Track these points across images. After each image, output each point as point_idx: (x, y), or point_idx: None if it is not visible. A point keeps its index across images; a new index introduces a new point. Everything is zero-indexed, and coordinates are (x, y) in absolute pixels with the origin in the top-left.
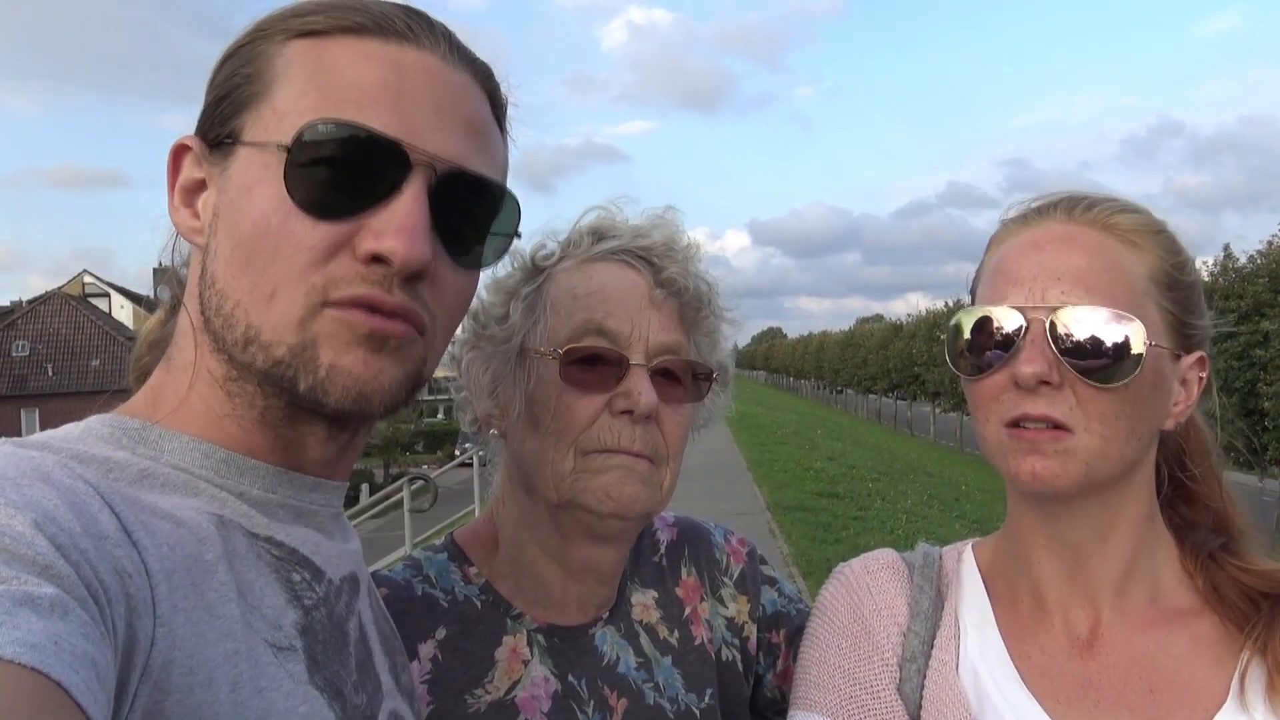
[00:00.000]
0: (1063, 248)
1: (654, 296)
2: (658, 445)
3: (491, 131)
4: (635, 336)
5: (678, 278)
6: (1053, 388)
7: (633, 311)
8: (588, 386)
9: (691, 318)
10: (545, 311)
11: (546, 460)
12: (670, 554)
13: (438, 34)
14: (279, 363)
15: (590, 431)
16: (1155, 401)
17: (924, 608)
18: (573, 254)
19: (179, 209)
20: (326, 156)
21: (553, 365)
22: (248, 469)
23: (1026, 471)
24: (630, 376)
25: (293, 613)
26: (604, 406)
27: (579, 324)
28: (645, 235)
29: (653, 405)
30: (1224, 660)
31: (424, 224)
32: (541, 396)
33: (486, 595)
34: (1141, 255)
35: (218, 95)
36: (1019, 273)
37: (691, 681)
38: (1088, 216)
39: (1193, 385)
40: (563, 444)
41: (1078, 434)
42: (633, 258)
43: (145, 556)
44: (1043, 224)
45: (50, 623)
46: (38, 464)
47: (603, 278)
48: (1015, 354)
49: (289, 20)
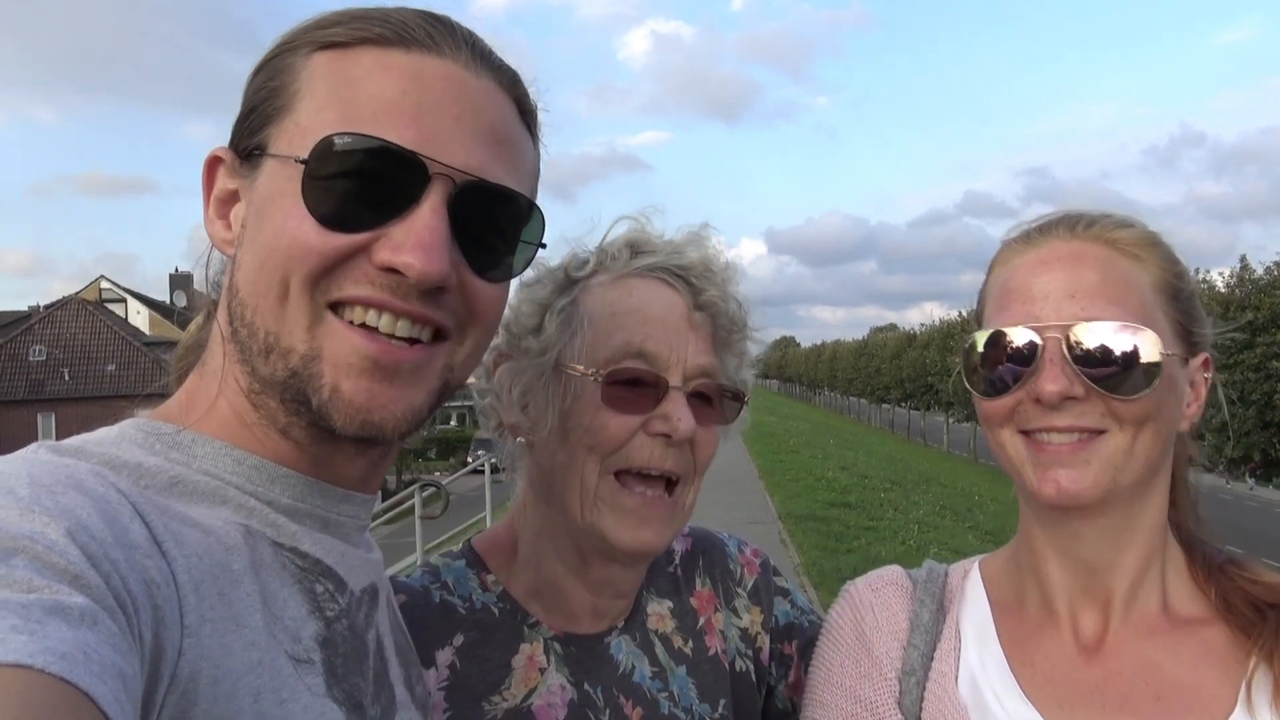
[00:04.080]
0: (1072, 264)
1: (693, 319)
2: (687, 465)
3: (517, 138)
4: (674, 360)
5: (717, 301)
6: (1077, 400)
7: (671, 334)
8: (626, 407)
9: (724, 340)
10: (583, 327)
11: (575, 473)
12: (685, 565)
13: (460, 40)
14: (294, 373)
15: (624, 451)
16: (1173, 406)
17: (924, 621)
18: (610, 267)
19: (214, 220)
20: (345, 169)
21: (591, 384)
22: (279, 477)
23: (1052, 486)
24: (669, 400)
25: (313, 624)
26: (640, 427)
27: (619, 344)
28: (682, 253)
29: (691, 430)
30: (1231, 668)
31: (442, 238)
32: (577, 413)
33: (504, 603)
34: (1145, 268)
35: (247, 108)
36: (1030, 291)
37: (705, 691)
38: (1091, 233)
39: (1200, 386)
40: (593, 458)
41: (1110, 433)
42: (671, 276)
43: (174, 567)
44: (1047, 243)
45: (80, 633)
46: (71, 471)
47: (642, 296)
48: (1035, 372)
49: (312, 33)
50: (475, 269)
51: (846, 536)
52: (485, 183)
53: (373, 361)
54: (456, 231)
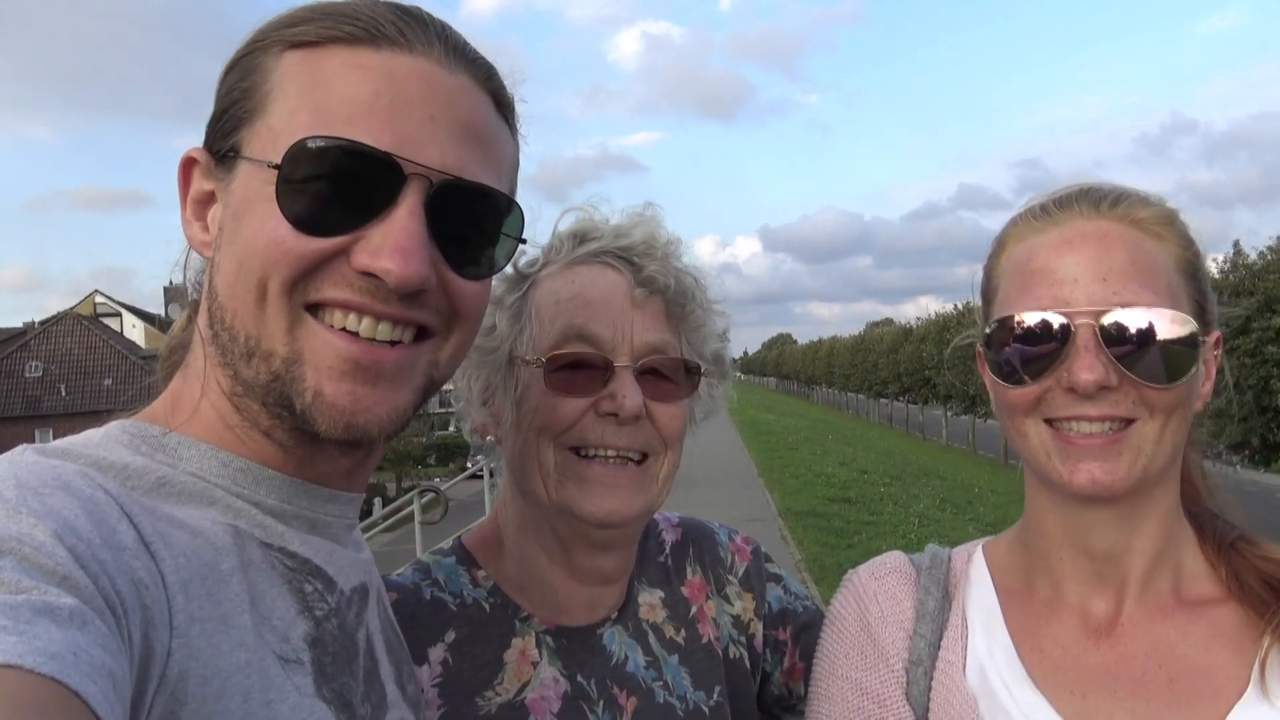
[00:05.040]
0: (1100, 245)
1: (635, 296)
2: (650, 440)
3: (494, 133)
4: (619, 339)
5: (658, 275)
6: (1110, 390)
7: (615, 314)
8: (573, 390)
9: (678, 314)
10: (530, 319)
11: (533, 456)
12: (675, 554)
13: (432, 36)
14: (276, 377)
15: (575, 430)
16: (1197, 388)
17: (930, 609)
18: (555, 259)
19: (191, 222)
20: (318, 173)
21: (538, 372)
22: (264, 479)
23: (1084, 479)
24: (615, 379)
25: (303, 624)
26: (590, 407)
27: (561, 330)
28: (626, 235)
29: (637, 408)
30: (1244, 648)
31: (420, 241)
32: (528, 400)
33: (495, 598)
34: (1167, 247)
35: (220, 109)
36: (1055, 273)
37: (699, 679)
38: (1116, 211)
39: (1212, 365)
40: (545, 438)
41: (1137, 425)
42: (613, 258)
43: (162, 567)
44: (1069, 220)
45: (69, 633)
46: (58, 473)
47: (584, 281)
48: (1066, 360)
49: (283, 30)
50: (455, 267)
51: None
52: (462, 181)
53: (354, 363)
54: (435, 231)
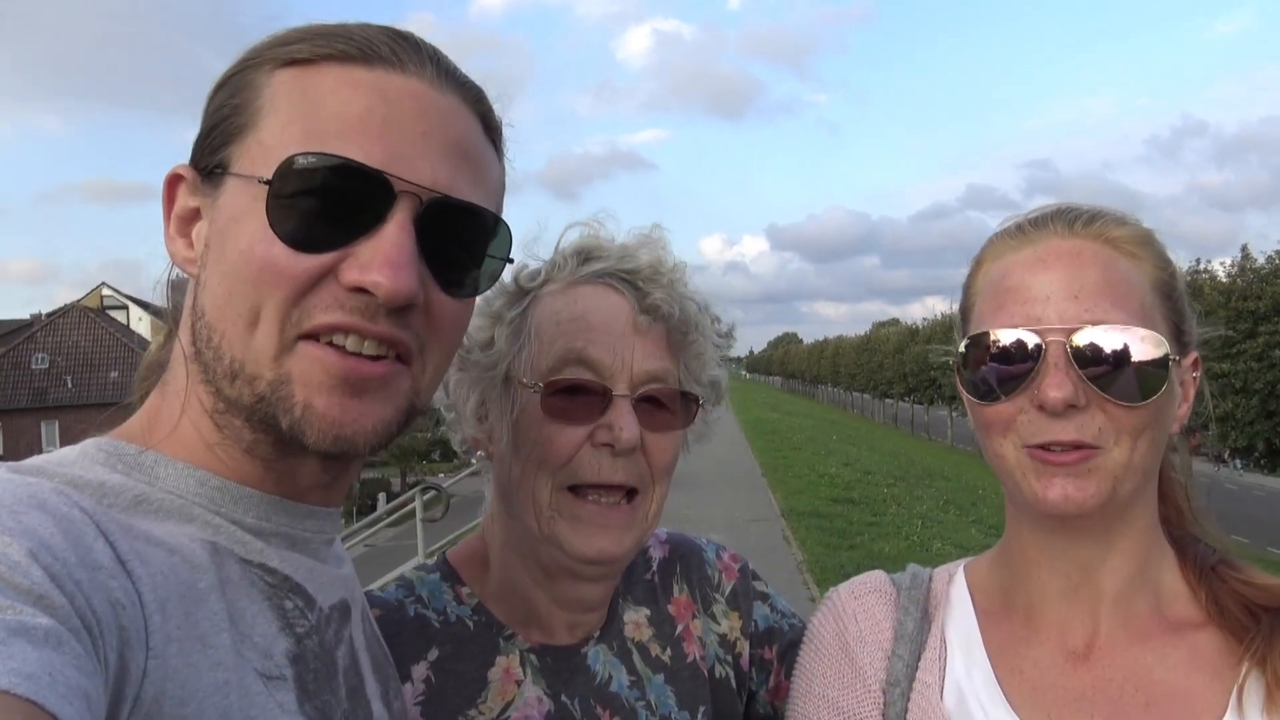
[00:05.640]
0: (1073, 264)
1: (639, 323)
2: (642, 474)
3: (483, 154)
4: (618, 366)
5: (662, 304)
6: (1078, 409)
7: (616, 340)
8: (570, 418)
9: (679, 342)
10: (530, 338)
11: (529, 489)
12: (662, 572)
13: (425, 57)
14: (261, 399)
15: (571, 465)
16: (1170, 409)
17: (909, 630)
18: (558, 276)
19: (174, 238)
20: (309, 188)
21: (534, 395)
22: (242, 497)
23: (1056, 495)
24: (613, 409)
25: (284, 641)
26: (586, 438)
27: (560, 353)
28: (632, 257)
29: (634, 440)
30: (1223, 673)
31: (410, 256)
32: (525, 426)
33: (479, 615)
34: (1142, 267)
35: (209, 125)
36: (1028, 291)
37: (684, 699)
38: (1091, 230)
39: (1189, 387)
40: (543, 474)
41: (1106, 449)
42: (618, 281)
43: (139, 586)
44: (1043, 239)
45: (44, 653)
46: (34, 491)
47: (586, 303)
48: (1037, 377)
49: (275, 49)
50: (442, 285)
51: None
52: (452, 199)
53: (342, 379)
54: (423, 249)
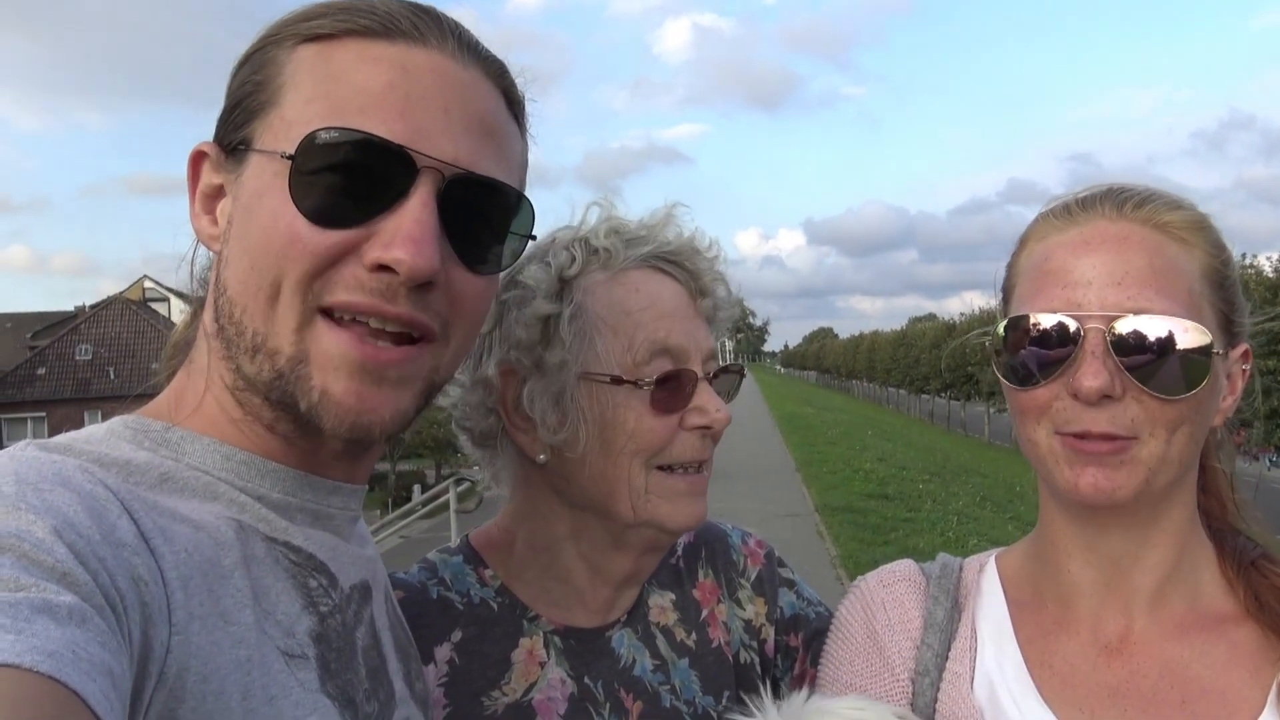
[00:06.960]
0: (1118, 248)
1: (699, 306)
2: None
3: (506, 129)
4: (694, 349)
5: (713, 286)
6: (1114, 399)
7: (687, 324)
8: (669, 407)
9: (712, 316)
10: (600, 332)
11: (622, 479)
12: (688, 556)
13: (446, 31)
14: (280, 375)
15: (666, 450)
16: (1212, 402)
17: (938, 620)
18: (600, 264)
19: (199, 215)
20: (331, 164)
21: (632, 391)
22: (268, 472)
23: (1088, 484)
24: (700, 392)
25: (307, 619)
26: (679, 424)
27: (644, 345)
28: (667, 238)
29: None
30: (1261, 669)
31: (432, 232)
32: (619, 421)
33: (503, 597)
34: (1193, 254)
35: (232, 102)
36: (1070, 275)
37: (709, 684)
38: (1140, 214)
39: (1237, 379)
40: (638, 461)
41: (1142, 441)
42: (666, 264)
43: (162, 564)
44: (1090, 221)
45: (68, 631)
46: (59, 468)
47: (650, 291)
48: (1074, 365)
49: (297, 25)
50: (465, 262)
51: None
52: (474, 175)
53: (359, 365)
54: (446, 225)
